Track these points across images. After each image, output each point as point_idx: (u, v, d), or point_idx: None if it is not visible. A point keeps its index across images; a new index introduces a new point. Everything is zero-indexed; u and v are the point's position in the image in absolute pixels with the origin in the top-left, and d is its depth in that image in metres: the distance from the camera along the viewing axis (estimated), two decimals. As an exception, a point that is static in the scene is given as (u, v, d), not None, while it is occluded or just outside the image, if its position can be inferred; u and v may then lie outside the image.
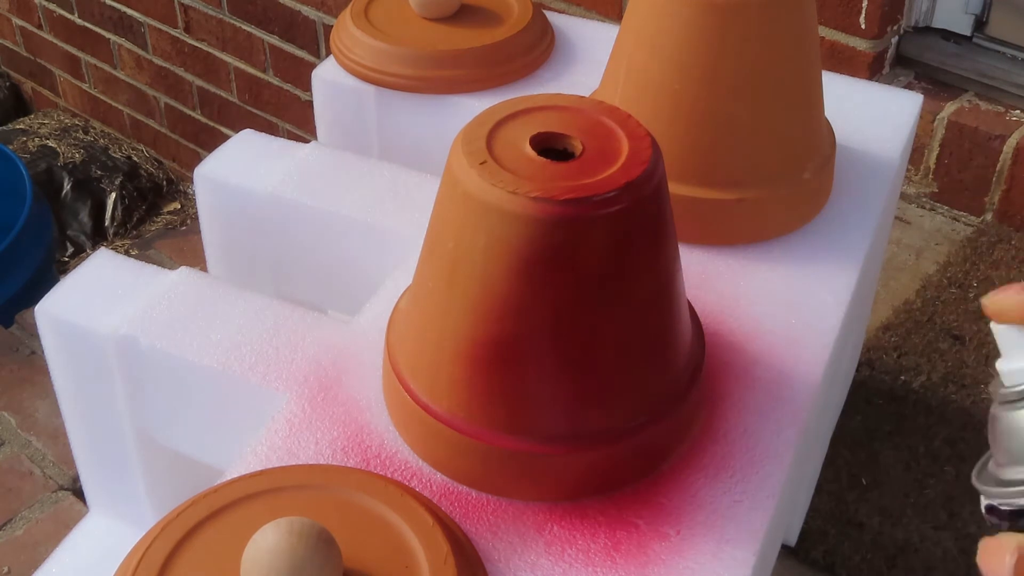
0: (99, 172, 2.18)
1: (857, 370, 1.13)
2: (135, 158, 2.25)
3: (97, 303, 0.70)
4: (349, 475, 0.55)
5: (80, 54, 2.24)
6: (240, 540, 0.48)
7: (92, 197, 2.14)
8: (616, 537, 0.55)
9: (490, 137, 0.54)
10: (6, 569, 1.37)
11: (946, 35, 1.27)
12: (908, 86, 1.27)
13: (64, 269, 2.05)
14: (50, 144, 2.23)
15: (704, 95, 0.70)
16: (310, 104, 1.76)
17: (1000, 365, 0.42)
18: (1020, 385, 0.41)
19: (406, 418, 0.59)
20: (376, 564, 0.50)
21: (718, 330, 0.68)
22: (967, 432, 1.11)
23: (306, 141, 0.86)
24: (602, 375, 0.55)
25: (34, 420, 1.60)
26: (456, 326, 0.54)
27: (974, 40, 1.26)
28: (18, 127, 2.32)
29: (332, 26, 0.96)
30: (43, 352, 0.73)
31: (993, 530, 0.40)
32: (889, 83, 1.24)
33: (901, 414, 1.13)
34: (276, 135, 0.87)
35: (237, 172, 0.81)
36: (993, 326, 0.42)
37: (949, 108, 1.22)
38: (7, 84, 2.50)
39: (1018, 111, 1.22)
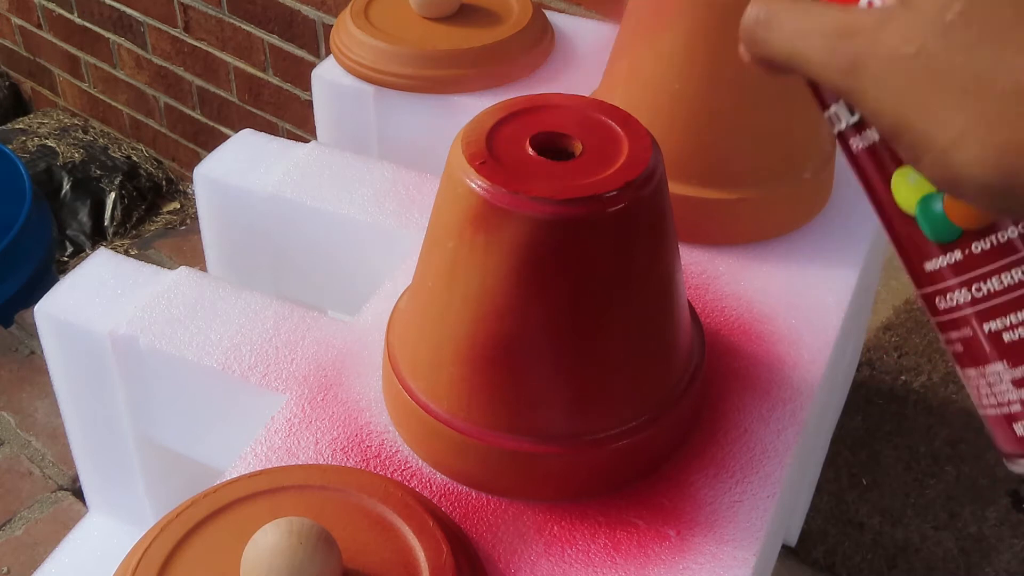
0: (98, 172, 2.18)
1: (857, 370, 1.13)
2: (135, 158, 2.25)
3: (96, 303, 0.70)
4: (349, 475, 0.55)
5: (80, 54, 2.24)
6: (240, 540, 0.48)
7: (91, 197, 2.14)
8: (616, 537, 0.55)
9: (490, 137, 0.54)
10: (5, 569, 1.37)
11: (946, 35, 1.27)
12: (908, 86, 1.26)
13: (63, 269, 2.05)
14: (49, 144, 2.23)
15: (704, 95, 0.70)
16: (310, 104, 1.76)
17: None
18: None
19: (406, 418, 0.59)
20: (376, 564, 0.50)
21: (718, 330, 0.68)
22: (968, 432, 1.11)
23: (306, 141, 0.86)
24: (602, 375, 0.55)
25: (33, 420, 1.60)
26: (456, 326, 0.54)
27: (974, 40, 1.26)
28: (17, 127, 2.32)
29: (332, 26, 0.96)
30: (43, 352, 0.73)
31: None
32: (889, 83, 1.23)
33: (901, 414, 1.13)
34: (276, 135, 0.87)
35: (237, 172, 0.81)
36: None
37: (949, 108, 1.22)
38: (6, 83, 2.49)
39: (1018, 111, 1.22)
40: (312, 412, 0.61)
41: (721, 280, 0.72)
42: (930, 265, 0.37)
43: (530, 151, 0.53)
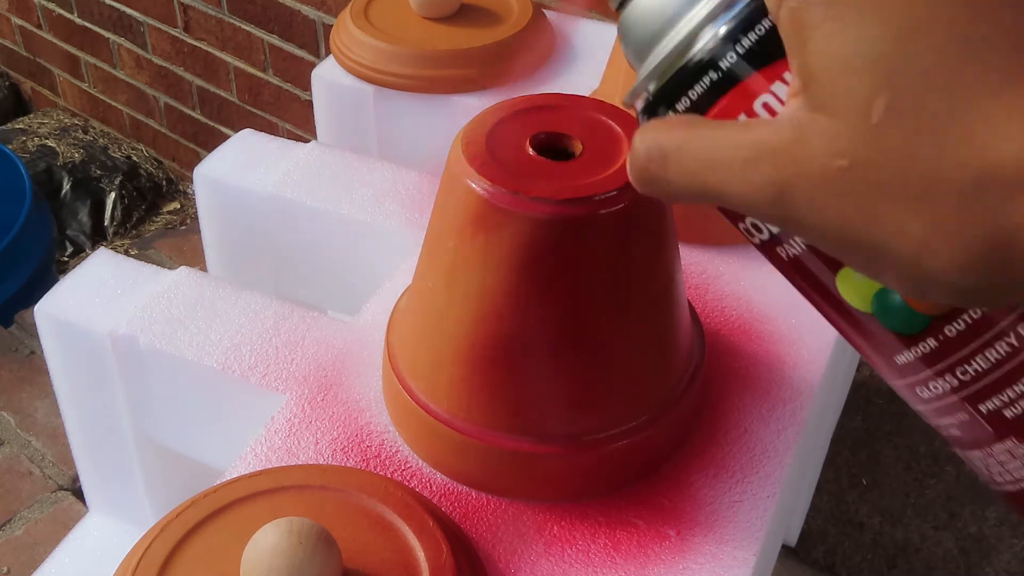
0: (98, 172, 2.18)
1: (857, 370, 1.13)
2: (135, 158, 2.25)
3: (96, 303, 0.70)
4: (349, 475, 0.55)
5: (80, 54, 2.24)
6: (240, 540, 0.48)
7: (92, 197, 2.14)
8: (616, 537, 0.55)
9: (490, 137, 0.54)
10: (5, 569, 1.37)
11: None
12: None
13: (63, 269, 2.05)
14: (49, 144, 2.23)
15: (704, 95, 0.70)
16: (310, 104, 1.76)
17: None
18: None
19: (406, 418, 0.59)
20: (376, 564, 0.50)
21: (718, 330, 0.68)
22: (967, 432, 1.11)
23: (306, 141, 0.86)
24: (602, 375, 0.55)
25: (34, 420, 1.60)
26: (456, 326, 0.54)
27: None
28: (17, 127, 2.32)
29: (332, 26, 0.96)
30: (42, 352, 0.73)
31: None
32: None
33: (901, 414, 1.13)
34: (276, 135, 0.87)
35: (237, 172, 0.81)
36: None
37: (949, 108, 1.22)
38: (6, 84, 2.49)
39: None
40: (312, 412, 0.61)
41: (721, 280, 0.72)
42: (902, 359, 0.34)
43: (530, 151, 0.53)
